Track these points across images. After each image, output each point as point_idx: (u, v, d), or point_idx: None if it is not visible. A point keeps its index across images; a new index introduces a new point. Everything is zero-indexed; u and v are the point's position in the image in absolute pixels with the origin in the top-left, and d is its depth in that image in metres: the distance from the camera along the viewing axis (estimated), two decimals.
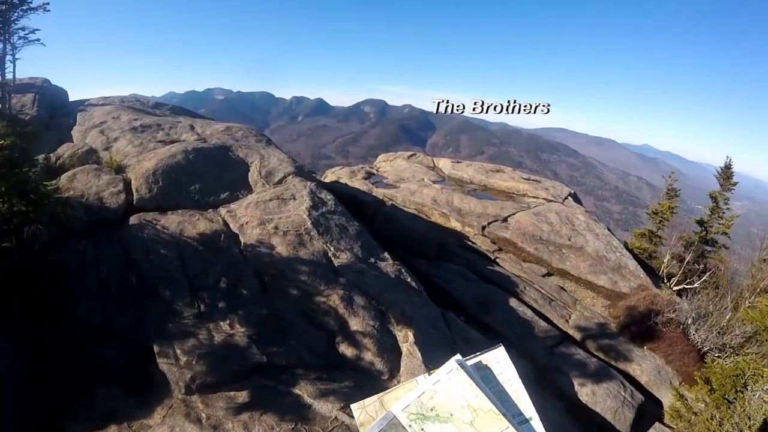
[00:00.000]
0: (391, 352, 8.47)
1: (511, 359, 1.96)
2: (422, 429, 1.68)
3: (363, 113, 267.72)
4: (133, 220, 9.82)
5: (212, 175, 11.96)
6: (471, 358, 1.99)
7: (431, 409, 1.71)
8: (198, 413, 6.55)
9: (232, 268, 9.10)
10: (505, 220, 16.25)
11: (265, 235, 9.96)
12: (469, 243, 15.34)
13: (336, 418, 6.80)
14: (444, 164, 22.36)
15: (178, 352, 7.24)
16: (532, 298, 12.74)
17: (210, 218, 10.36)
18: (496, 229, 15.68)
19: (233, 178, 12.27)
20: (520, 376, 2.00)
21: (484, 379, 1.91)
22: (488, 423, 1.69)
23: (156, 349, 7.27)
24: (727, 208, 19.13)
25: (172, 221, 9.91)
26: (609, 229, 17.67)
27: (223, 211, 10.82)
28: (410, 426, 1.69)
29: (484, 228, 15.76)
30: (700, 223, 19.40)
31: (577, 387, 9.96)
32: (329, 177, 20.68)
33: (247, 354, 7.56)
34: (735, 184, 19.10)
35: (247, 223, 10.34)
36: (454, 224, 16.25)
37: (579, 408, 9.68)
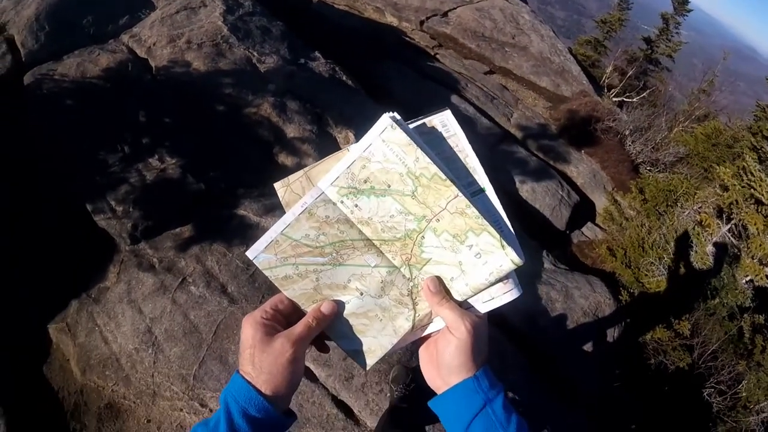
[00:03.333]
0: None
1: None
2: (356, 205, 1.17)
3: None
4: (28, 78, 7.36)
5: (104, 1, 9.48)
6: (412, 122, 1.34)
7: (365, 181, 1.17)
8: (149, 260, 5.72)
9: (148, 97, 7.34)
10: (445, 14, 14.37)
11: (177, 53, 8.05)
12: (407, 39, 13.53)
13: None
14: None
15: (113, 203, 6.06)
16: (473, 95, 11.63)
17: (112, 50, 8.16)
18: (436, 24, 13.88)
19: None
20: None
21: (429, 143, 1.17)
22: (433, 192, 1.15)
23: (90, 207, 6.01)
24: (677, 32, 18.44)
25: (70, 66, 7.58)
26: (554, 32, 16.56)
27: (125, 37, 8.51)
28: (341, 202, 1.18)
29: (422, 23, 13.86)
30: (647, 41, 18.61)
31: (518, 184, 9.49)
32: None
33: (183, 185, 6.43)
34: (690, 10, 18.09)
35: (154, 44, 8.26)
36: (390, 19, 14.18)
37: (520, 204, 9.40)
